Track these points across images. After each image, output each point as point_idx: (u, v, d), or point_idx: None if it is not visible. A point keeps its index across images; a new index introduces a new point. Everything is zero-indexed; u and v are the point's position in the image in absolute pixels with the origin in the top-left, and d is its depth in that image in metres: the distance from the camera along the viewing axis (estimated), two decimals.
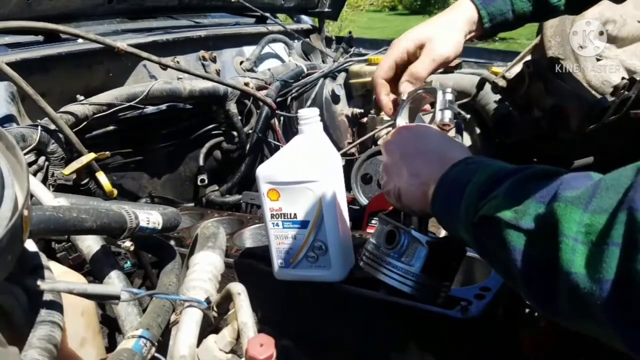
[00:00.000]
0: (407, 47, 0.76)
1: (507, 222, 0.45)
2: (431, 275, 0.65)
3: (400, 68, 0.78)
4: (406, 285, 0.65)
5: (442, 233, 0.80)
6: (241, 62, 1.82)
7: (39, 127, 1.12)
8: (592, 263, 0.38)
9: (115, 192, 1.20)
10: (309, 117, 0.83)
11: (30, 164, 1.11)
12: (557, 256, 0.40)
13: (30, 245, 0.65)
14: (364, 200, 1.41)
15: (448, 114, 0.69)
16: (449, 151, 0.61)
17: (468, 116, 1.57)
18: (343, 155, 1.61)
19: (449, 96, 0.70)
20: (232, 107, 1.61)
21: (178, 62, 1.58)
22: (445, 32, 0.77)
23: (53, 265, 0.69)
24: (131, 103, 1.35)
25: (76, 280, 0.78)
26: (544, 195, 0.43)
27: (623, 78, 1.04)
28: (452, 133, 0.70)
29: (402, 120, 0.74)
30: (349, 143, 1.74)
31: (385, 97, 0.78)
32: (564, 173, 0.45)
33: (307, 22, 2.31)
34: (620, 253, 0.35)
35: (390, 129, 1.52)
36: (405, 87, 0.75)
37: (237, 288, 0.76)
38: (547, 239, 0.41)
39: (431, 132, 0.67)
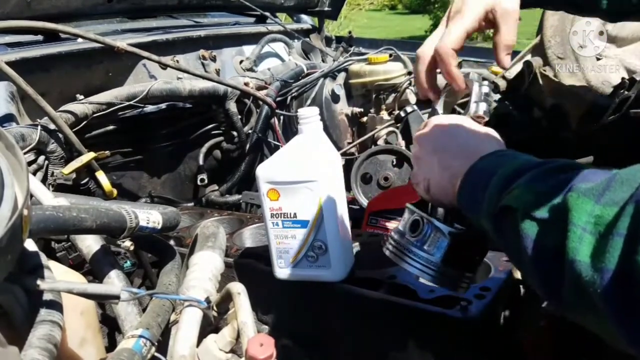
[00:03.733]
0: (479, 14, 0.68)
1: (524, 211, 0.47)
2: (452, 265, 0.65)
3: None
4: (427, 274, 0.66)
5: None
6: (241, 62, 1.82)
7: (39, 127, 1.12)
8: (597, 253, 0.38)
9: (115, 191, 1.20)
10: (309, 117, 0.83)
11: (29, 164, 1.10)
12: (564, 244, 0.41)
13: (30, 244, 0.65)
14: (363, 200, 1.41)
15: (483, 107, 0.69)
16: (480, 144, 0.62)
17: None
18: (343, 155, 1.61)
19: (485, 88, 0.70)
20: (232, 107, 1.61)
21: (178, 61, 1.58)
22: None
23: (53, 264, 0.69)
24: (131, 102, 1.35)
25: (76, 279, 0.78)
26: (561, 187, 0.44)
27: (623, 78, 1.04)
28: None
29: (440, 109, 0.73)
30: (349, 143, 1.74)
31: (458, 70, 0.70)
32: (585, 167, 0.46)
33: (306, 21, 2.31)
34: (623, 244, 0.36)
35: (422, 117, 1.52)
36: (507, 60, 0.69)
37: (237, 288, 0.76)
38: (557, 228, 0.42)
39: (464, 125, 0.67)
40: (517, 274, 0.86)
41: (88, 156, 1.16)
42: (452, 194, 0.61)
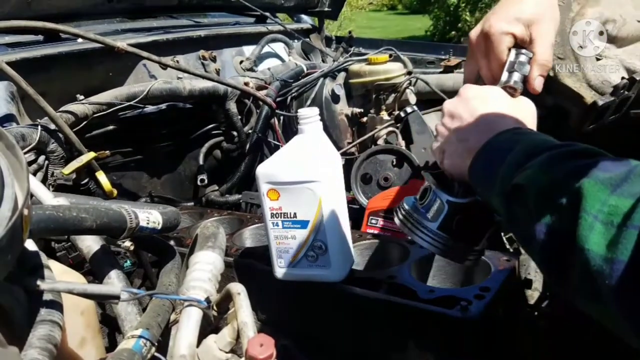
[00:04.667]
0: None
1: (536, 192, 0.46)
2: (452, 235, 0.65)
3: None
4: (429, 243, 0.66)
5: None
6: (241, 62, 1.82)
7: (39, 127, 1.12)
8: (608, 243, 0.38)
9: (115, 191, 1.20)
10: (309, 117, 0.83)
11: (30, 164, 1.10)
12: (574, 231, 0.40)
13: (30, 244, 0.65)
14: (363, 200, 1.41)
15: (515, 77, 0.66)
16: (502, 119, 0.60)
17: None
18: (343, 155, 1.60)
19: (523, 57, 0.66)
20: (232, 107, 1.60)
21: (178, 61, 1.58)
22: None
23: (53, 264, 0.69)
24: (131, 102, 1.35)
25: (76, 279, 0.78)
26: (577, 172, 0.44)
27: (623, 78, 1.04)
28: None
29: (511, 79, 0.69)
30: (349, 143, 1.74)
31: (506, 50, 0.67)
32: (605, 155, 0.46)
33: (307, 21, 2.31)
34: (638, 236, 0.36)
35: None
36: (539, 83, 0.67)
37: (237, 288, 0.76)
38: (569, 214, 0.42)
39: (491, 95, 0.65)
40: (517, 274, 0.86)
41: (88, 156, 1.16)
42: (465, 168, 0.60)
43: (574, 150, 0.48)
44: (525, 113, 0.64)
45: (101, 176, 1.19)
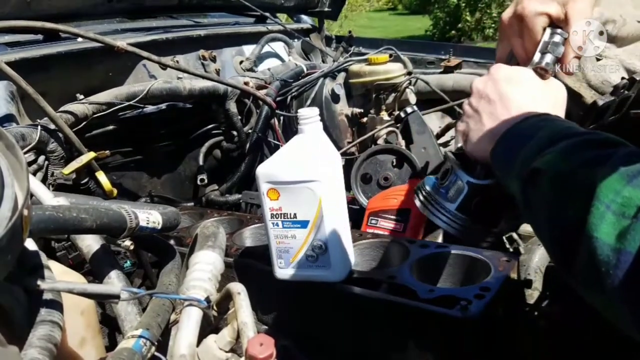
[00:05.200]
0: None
1: (553, 177, 0.46)
2: (471, 216, 0.65)
3: None
4: (447, 224, 0.66)
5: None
6: (241, 62, 1.82)
7: (39, 127, 1.12)
8: (618, 233, 0.38)
9: (115, 191, 1.20)
10: (309, 117, 0.83)
11: (30, 164, 1.10)
12: (586, 218, 0.40)
13: (30, 244, 0.65)
14: (363, 200, 1.41)
15: (548, 58, 0.64)
16: (530, 103, 0.60)
17: None
18: (343, 155, 1.61)
19: (557, 38, 0.64)
20: (232, 107, 1.60)
21: (178, 61, 1.58)
22: None
23: (53, 264, 0.69)
24: (131, 102, 1.35)
25: (76, 279, 0.78)
26: (596, 160, 0.43)
27: (623, 78, 1.05)
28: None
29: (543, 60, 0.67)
30: (349, 143, 1.74)
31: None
32: (626, 145, 0.45)
33: (306, 21, 2.31)
34: None
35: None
36: (574, 65, 0.65)
37: (237, 288, 0.76)
38: (582, 200, 0.42)
39: (522, 77, 0.64)
40: (517, 274, 0.86)
41: (88, 156, 1.16)
42: (488, 150, 0.60)
43: (595, 139, 0.48)
44: (555, 96, 0.63)
45: (101, 176, 1.19)
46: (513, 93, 0.62)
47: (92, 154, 1.16)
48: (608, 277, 0.38)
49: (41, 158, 1.14)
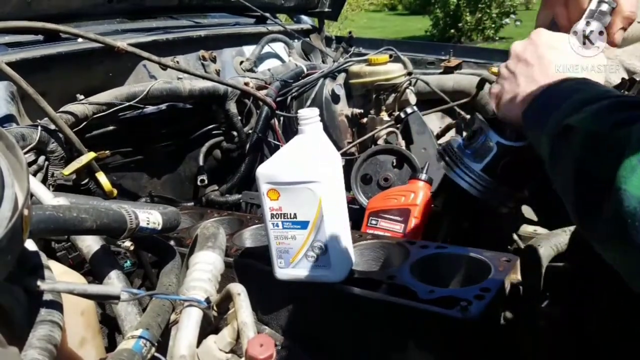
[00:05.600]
0: None
1: (585, 133, 0.46)
2: (496, 177, 0.64)
3: None
4: (470, 185, 0.65)
5: None
6: (241, 62, 1.82)
7: (39, 127, 1.12)
8: None
9: (115, 192, 1.20)
10: (309, 117, 0.83)
11: (30, 164, 1.10)
12: (615, 171, 0.41)
13: (30, 245, 0.65)
14: (363, 200, 1.41)
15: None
16: (570, 69, 0.59)
17: (468, 116, 1.57)
18: (343, 155, 1.61)
19: (605, 7, 0.62)
20: (232, 107, 1.61)
21: (178, 62, 1.58)
22: None
23: (53, 264, 0.69)
24: (131, 103, 1.35)
25: (76, 280, 0.78)
26: (630, 119, 0.44)
27: (623, 78, 1.05)
28: (600, 44, 0.62)
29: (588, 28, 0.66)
30: (349, 143, 1.74)
31: None
32: None
33: (307, 22, 2.31)
34: None
35: None
36: (619, 36, 0.65)
37: (237, 288, 0.76)
38: (613, 155, 0.42)
39: (564, 44, 0.63)
40: (517, 275, 0.86)
41: (88, 156, 1.16)
42: (519, 111, 0.60)
43: (630, 101, 0.48)
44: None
45: (101, 176, 1.19)
46: (553, 58, 0.61)
47: (92, 154, 1.16)
48: (633, 229, 0.38)
49: (41, 158, 1.14)
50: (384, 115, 1.62)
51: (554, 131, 0.51)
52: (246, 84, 1.63)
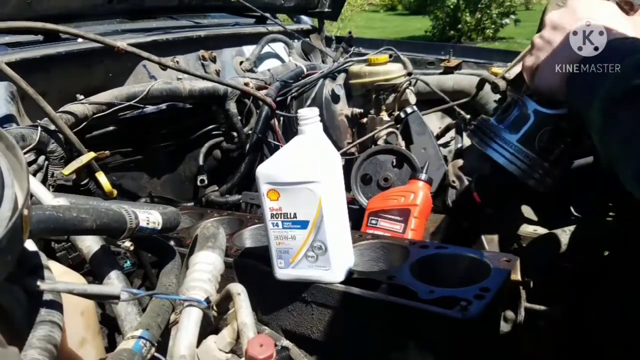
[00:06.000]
0: None
1: None
2: (531, 149, 0.61)
3: None
4: (505, 158, 0.62)
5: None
6: (241, 62, 1.82)
7: (39, 127, 1.12)
8: None
9: (115, 192, 1.20)
10: (309, 117, 0.83)
11: (30, 164, 1.10)
12: None
13: (30, 245, 0.65)
14: (363, 201, 1.41)
15: None
16: (615, 30, 0.55)
17: (468, 116, 1.57)
18: (343, 155, 1.61)
19: None
20: (232, 107, 1.61)
21: (178, 62, 1.58)
22: None
23: (53, 264, 0.69)
24: (131, 103, 1.35)
25: (76, 280, 0.78)
26: None
27: None
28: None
29: None
30: (349, 143, 1.74)
31: None
32: None
33: (306, 22, 2.31)
34: None
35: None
36: None
37: (237, 288, 0.76)
38: None
39: (604, 7, 0.60)
40: (517, 275, 0.86)
41: (88, 156, 1.16)
42: (560, 79, 0.56)
43: None
44: (638, 30, 0.59)
45: (101, 176, 1.19)
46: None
47: (92, 154, 1.16)
48: None
49: (41, 158, 1.14)
50: (384, 115, 1.62)
51: (615, 95, 0.47)
52: (246, 84, 1.63)
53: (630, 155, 0.46)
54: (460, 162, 1.27)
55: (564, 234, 1.01)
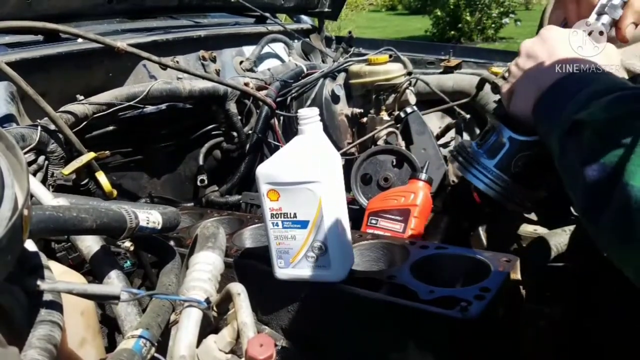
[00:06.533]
0: None
1: (593, 127, 0.45)
2: (509, 175, 0.63)
3: None
4: (483, 183, 0.64)
5: None
6: (241, 62, 1.82)
7: (39, 127, 1.12)
8: None
9: (115, 192, 1.20)
10: (309, 117, 0.83)
11: (30, 164, 1.10)
12: (623, 167, 0.40)
13: (30, 245, 0.65)
14: (363, 201, 1.41)
15: (604, 20, 0.62)
16: (581, 62, 0.58)
17: (468, 116, 1.57)
18: (343, 155, 1.61)
19: (616, 0, 0.61)
20: (232, 107, 1.61)
21: (178, 61, 1.58)
22: None
23: (53, 265, 0.69)
24: (131, 103, 1.35)
25: (76, 280, 0.78)
26: None
27: (623, 78, 1.04)
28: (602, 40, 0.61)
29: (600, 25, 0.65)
30: (349, 143, 1.74)
31: None
32: None
33: (306, 22, 2.31)
34: None
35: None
36: (630, 31, 0.64)
37: (237, 288, 0.76)
38: (622, 150, 0.41)
39: (576, 37, 0.62)
40: (517, 275, 0.86)
41: (88, 156, 1.16)
42: (530, 108, 0.59)
43: None
44: (609, 59, 0.61)
45: (101, 176, 1.19)
46: (564, 52, 0.60)
47: (92, 154, 1.17)
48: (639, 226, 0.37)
49: (41, 158, 1.14)
50: (384, 115, 1.62)
51: (564, 127, 0.50)
52: (246, 84, 1.63)
53: (573, 187, 0.48)
54: None
55: (564, 234, 1.01)
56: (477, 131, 1.52)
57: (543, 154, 0.61)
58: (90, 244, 0.84)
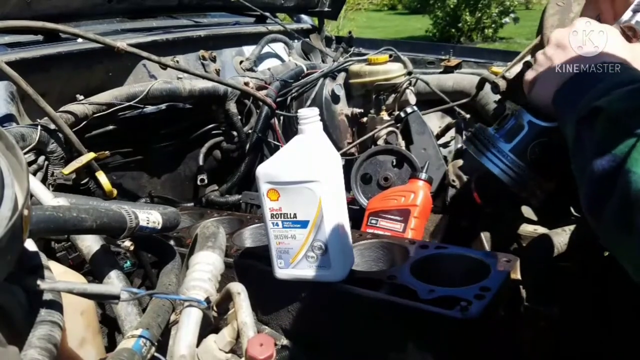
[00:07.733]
0: None
1: (610, 115, 0.45)
2: (524, 161, 0.63)
3: None
4: (498, 168, 0.64)
5: None
6: (241, 62, 1.82)
7: (39, 127, 1.12)
8: None
9: (115, 192, 1.20)
10: (309, 117, 0.83)
11: (30, 164, 1.10)
12: (628, 154, 0.40)
13: (30, 245, 0.65)
14: (363, 201, 1.41)
15: (638, 17, 0.62)
16: (610, 56, 0.58)
17: (468, 116, 1.57)
18: (343, 155, 1.61)
19: None
20: (232, 107, 1.61)
21: (178, 61, 1.58)
22: None
23: (53, 264, 0.69)
24: (131, 103, 1.35)
25: (76, 279, 0.78)
26: None
27: None
28: None
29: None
30: (349, 143, 1.74)
31: None
32: None
33: (306, 21, 2.31)
34: None
35: None
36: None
37: (237, 288, 0.76)
38: (630, 138, 0.41)
39: (607, 31, 0.62)
40: (517, 275, 0.86)
41: (88, 156, 1.16)
42: (553, 93, 0.59)
43: None
44: (637, 57, 0.61)
45: (101, 176, 1.19)
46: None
47: (92, 154, 1.17)
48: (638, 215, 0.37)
49: (41, 158, 1.14)
50: (384, 115, 1.62)
51: (582, 113, 0.50)
52: (246, 83, 1.63)
53: (581, 175, 0.48)
54: (460, 162, 1.27)
55: (564, 234, 1.01)
56: None
57: (559, 144, 0.61)
58: (90, 244, 0.84)
